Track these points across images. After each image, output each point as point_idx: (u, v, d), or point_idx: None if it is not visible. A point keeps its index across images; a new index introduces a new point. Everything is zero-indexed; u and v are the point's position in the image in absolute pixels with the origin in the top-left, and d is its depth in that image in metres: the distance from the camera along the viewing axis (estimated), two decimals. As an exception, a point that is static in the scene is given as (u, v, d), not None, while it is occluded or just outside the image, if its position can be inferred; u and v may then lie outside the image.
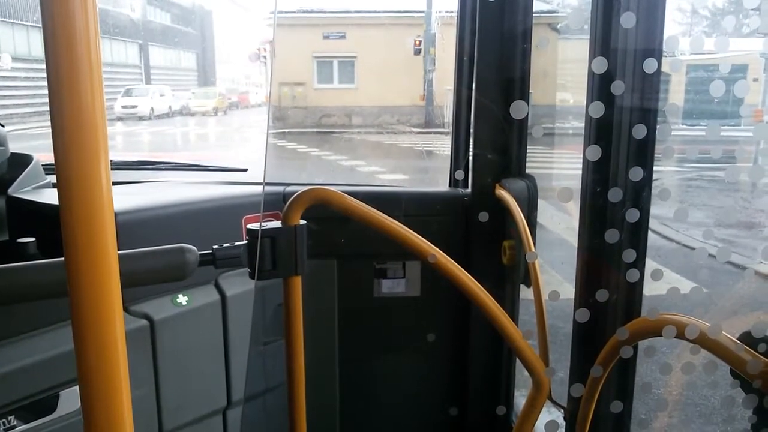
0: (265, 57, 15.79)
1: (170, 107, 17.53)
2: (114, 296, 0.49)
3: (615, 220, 1.12)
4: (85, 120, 0.45)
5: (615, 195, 1.09)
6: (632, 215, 1.06)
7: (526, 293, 1.54)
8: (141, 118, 15.86)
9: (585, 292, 1.20)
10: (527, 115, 1.55)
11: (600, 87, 1.13)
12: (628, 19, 1.02)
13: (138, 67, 17.91)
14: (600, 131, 1.14)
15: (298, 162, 10.01)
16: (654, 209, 1.10)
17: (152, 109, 16.50)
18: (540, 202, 1.56)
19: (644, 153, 1.11)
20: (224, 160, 2.31)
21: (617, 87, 1.07)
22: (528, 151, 1.66)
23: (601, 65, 1.10)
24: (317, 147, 12.71)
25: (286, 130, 14.83)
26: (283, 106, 15.75)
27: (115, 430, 0.50)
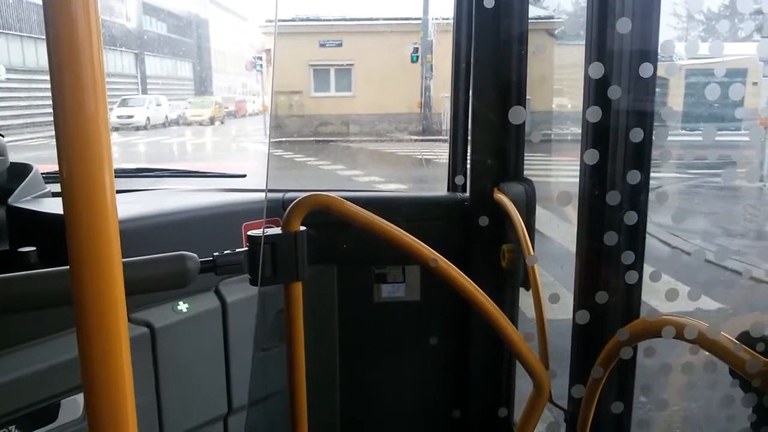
0: (261, 65, 15.85)
1: (167, 117, 17.55)
2: (119, 304, 0.49)
3: (613, 222, 1.14)
4: (88, 130, 0.46)
5: (613, 198, 1.11)
6: (630, 218, 1.08)
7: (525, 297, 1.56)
8: (137, 128, 15.86)
9: (584, 294, 1.21)
10: (524, 120, 1.57)
11: (597, 92, 1.15)
12: (623, 25, 1.05)
13: (134, 76, 17.96)
14: (597, 135, 1.16)
15: (295, 171, 10.04)
16: (663, 218, 1.12)
17: (148, 118, 16.50)
18: (545, 213, 1.57)
19: (641, 156, 1.13)
20: (220, 170, 2.33)
21: (614, 92, 1.09)
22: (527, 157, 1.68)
23: (597, 70, 1.13)
24: (314, 156, 12.69)
25: (284, 139, 14.84)
26: (280, 115, 15.78)
27: None
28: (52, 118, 0.46)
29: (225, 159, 12.89)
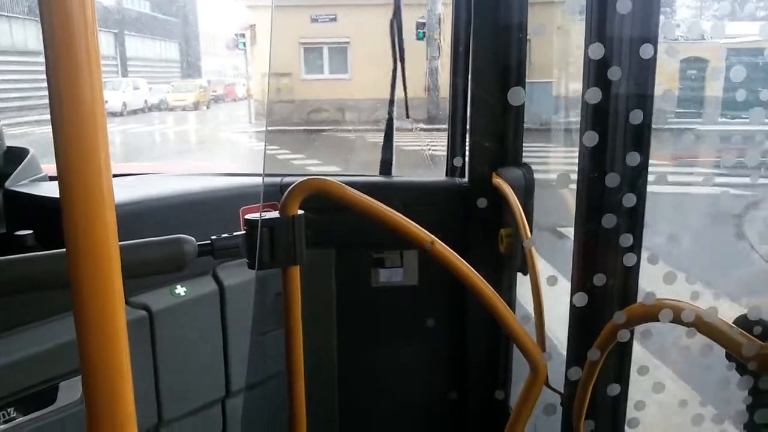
0: (244, 44, 15.31)
1: (146, 102, 17.31)
2: (115, 287, 0.52)
3: (612, 205, 1.21)
4: (84, 114, 0.49)
5: (612, 180, 1.17)
6: (629, 200, 1.14)
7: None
8: (113, 114, 15.61)
9: (582, 276, 1.28)
10: (523, 105, 1.64)
11: (596, 73, 1.22)
12: (623, 5, 1.11)
13: (113, 58, 17.74)
14: (597, 117, 1.23)
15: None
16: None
17: (125, 104, 16.20)
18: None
19: (641, 138, 1.20)
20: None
21: (614, 73, 1.15)
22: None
23: (597, 51, 1.19)
24: (302, 151, 11.70)
25: (270, 129, 14.42)
26: (267, 101, 15.25)
27: (118, 420, 0.54)
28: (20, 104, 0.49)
29: (198, 155, 12.10)
